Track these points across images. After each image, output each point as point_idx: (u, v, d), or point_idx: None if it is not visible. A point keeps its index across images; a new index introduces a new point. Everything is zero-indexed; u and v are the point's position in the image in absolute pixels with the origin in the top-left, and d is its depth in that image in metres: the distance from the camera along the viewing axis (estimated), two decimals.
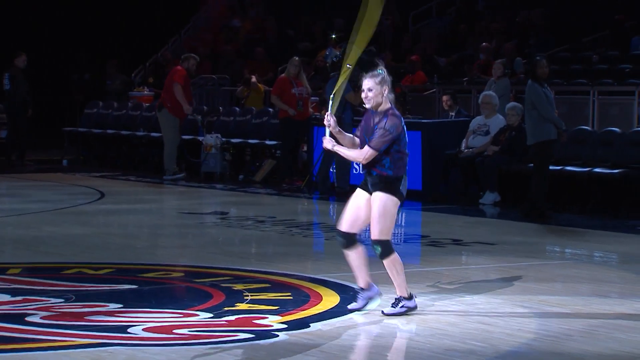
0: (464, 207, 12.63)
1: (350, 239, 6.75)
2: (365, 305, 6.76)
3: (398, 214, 6.82)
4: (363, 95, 6.76)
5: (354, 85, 13.69)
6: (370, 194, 6.71)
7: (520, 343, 6.08)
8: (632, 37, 16.99)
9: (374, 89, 6.72)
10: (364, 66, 13.34)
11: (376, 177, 6.68)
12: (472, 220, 11.77)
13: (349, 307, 6.79)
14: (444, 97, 14.47)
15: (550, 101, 11.46)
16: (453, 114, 14.31)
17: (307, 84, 15.20)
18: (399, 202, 6.69)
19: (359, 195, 6.77)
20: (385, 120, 6.64)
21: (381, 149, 6.62)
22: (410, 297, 6.70)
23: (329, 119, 6.77)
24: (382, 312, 6.70)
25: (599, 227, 11.18)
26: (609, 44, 17.21)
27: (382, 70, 6.80)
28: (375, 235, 6.65)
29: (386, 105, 6.72)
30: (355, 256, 6.77)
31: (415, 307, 6.71)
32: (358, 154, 6.70)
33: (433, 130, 13.66)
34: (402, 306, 6.67)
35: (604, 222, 11.47)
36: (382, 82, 6.73)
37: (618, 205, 12.16)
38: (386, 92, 6.73)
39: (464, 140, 13.50)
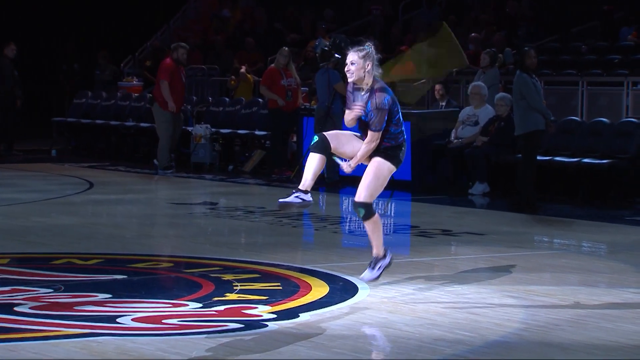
0: (453, 198, 12.65)
1: (325, 144, 6.70)
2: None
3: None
4: (346, 69, 6.79)
5: (343, 75, 13.68)
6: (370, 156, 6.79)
7: (508, 333, 6.10)
8: (621, 27, 17.03)
9: (356, 63, 6.75)
10: None
11: (380, 149, 6.75)
12: (461, 210, 11.79)
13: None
14: (437, 87, 14.48)
15: (538, 91, 11.49)
16: (443, 104, 14.32)
17: (296, 74, 15.19)
18: (394, 169, 6.78)
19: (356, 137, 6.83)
20: (374, 98, 6.68)
21: (382, 126, 6.68)
22: (384, 255, 6.86)
23: (348, 169, 6.78)
24: (362, 278, 6.83)
25: (587, 217, 11.21)
26: (597, 35, 17.24)
27: (368, 46, 6.80)
28: (361, 197, 6.71)
29: (369, 80, 6.74)
30: (318, 162, 6.71)
31: (390, 263, 6.91)
32: (370, 146, 6.72)
33: (422, 120, 13.68)
34: (379, 267, 6.87)
35: (593, 212, 11.51)
36: (365, 57, 6.75)
37: (606, 196, 12.21)
38: (369, 67, 6.75)
39: (453, 130, 13.52)
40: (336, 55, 13.35)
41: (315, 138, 6.76)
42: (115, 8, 24.28)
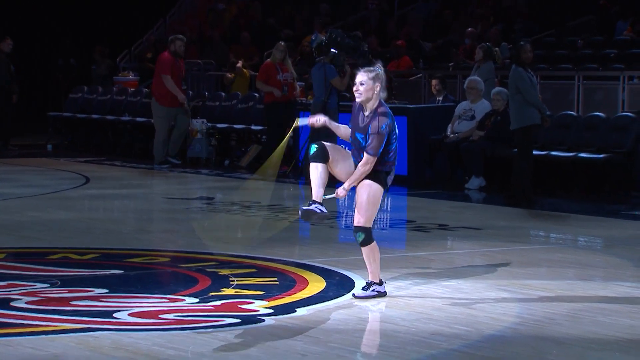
0: (450, 192, 12.65)
1: (325, 153, 6.67)
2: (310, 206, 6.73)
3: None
4: (354, 88, 6.74)
5: (340, 70, 13.69)
6: None
7: (505, 327, 6.11)
8: (616, 22, 17.04)
9: (365, 84, 6.71)
10: (349, 51, 13.39)
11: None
12: (457, 205, 11.80)
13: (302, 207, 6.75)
14: (433, 81, 14.48)
15: (534, 86, 11.50)
16: (440, 98, 14.32)
17: (292, 69, 15.18)
18: (383, 191, 6.75)
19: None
20: (376, 121, 6.64)
21: (379, 152, 6.65)
22: (381, 283, 6.79)
23: (342, 193, 6.76)
24: (353, 295, 6.76)
25: (583, 211, 11.23)
26: (593, 29, 17.25)
27: (378, 68, 6.78)
28: (360, 222, 6.68)
29: (375, 103, 6.71)
30: (322, 171, 6.69)
31: (385, 293, 6.77)
32: (365, 168, 6.68)
33: (418, 115, 13.68)
34: (373, 290, 6.75)
35: (589, 207, 11.52)
36: (375, 79, 6.70)
37: (602, 190, 12.22)
38: (378, 89, 6.71)
39: (450, 125, 13.52)
40: (332, 50, 13.35)
41: (314, 147, 6.73)
42: (111, 3, 24.26)
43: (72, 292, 6.73)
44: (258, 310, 6.33)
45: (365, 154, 6.66)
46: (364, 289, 6.78)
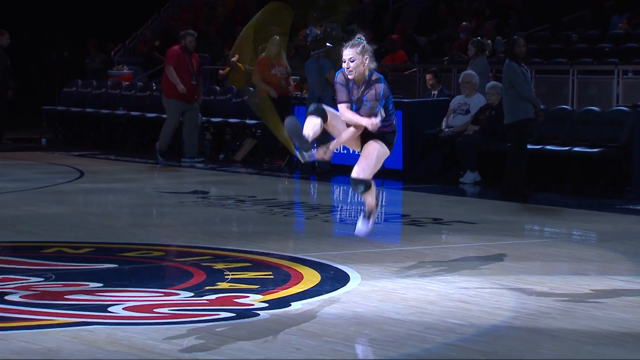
0: (444, 187, 12.66)
1: (324, 111, 6.67)
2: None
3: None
4: (345, 65, 6.68)
5: (335, 64, 13.68)
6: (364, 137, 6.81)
7: (499, 321, 6.12)
8: (611, 16, 17.04)
9: (355, 59, 6.66)
10: (340, 44, 13.37)
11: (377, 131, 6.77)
12: (452, 199, 11.81)
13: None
14: (427, 76, 14.48)
15: (527, 80, 11.50)
16: (436, 92, 14.32)
17: (286, 63, 15.17)
18: (388, 154, 6.82)
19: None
20: (373, 90, 6.65)
21: (377, 110, 6.69)
22: (377, 205, 7.04)
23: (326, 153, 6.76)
24: (359, 232, 6.95)
25: (577, 205, 11.24)
26: (588, 24, 17.25)
27: (361, 39, 6.74)
28: (361, 174, 6.73)
29: (367, 73, 6.71)
30: (319, 123, 6.65)
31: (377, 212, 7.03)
32: (367, 121, 6.68)
33: (413, 109, 13.68)
34: (372, 221, 7.02)
35: (583, 201, 11.53)
36: (363, 51, 6.67)
37: (597, 184, 12.24)
38: (367, 61, 6.69)
39: (444, 119, 13.53)
40: (327, 44, 13.34)
41: (313, 105, 6.69)
42: None
43: (67, 286, 6.72)
44: (253, 305, 6.33)
45: (372, 118, 6.68)
46: (365, 219, 6.97)
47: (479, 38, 14.68)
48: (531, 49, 15.27)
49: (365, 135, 6.82)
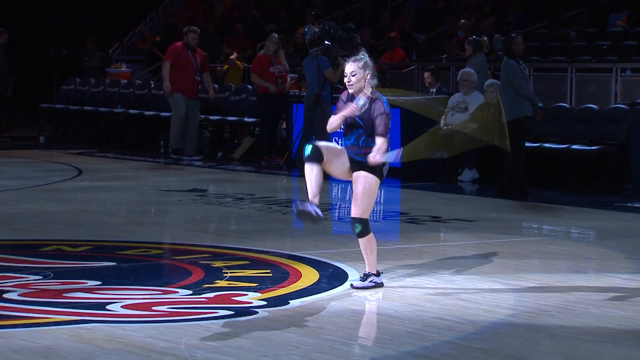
0: (443, 184, 12.66)
1: (320, 153, 6.67)
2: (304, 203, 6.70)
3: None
4: (346, 79, 6.75)
5: (333, 62, 13.67)
6: (352, 169, 6.75)
7: (498, 319, 6.12)
8: (609, 14, 17.04)
9: (357, 74, 6.71)
10: (342, 43, 13.37)
11: (364, 162, 6.70)
12: (450, 197, 11.81)
13: (297, 207, 6.71)
14: (425, 74, 14.48)
15: (525, 78, 11.51)
16: (434, 90, 14.32)
17: (284, 61, 15.17)
18: (380, 181, 6.76)
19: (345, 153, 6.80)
20: (377, 105, 6.66)
21: (388, 131, 6.68)
22: (378, 274, 6.82)
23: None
24: (351, 285, 6.78)
25: (576, 203, 11.24)
26: (586, 21, 17.25)
27: (364, 55, 6.79)
28: (357, 213, 6.69)
29: (368, 90, 6.72)
30: (317, 172, 6.68)
31: (382, 284, 6.80)
32: (383, 148, 6.64)
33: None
34: (370, 280, 6.79)
35: (582, 199, 11.54)
36: (364, 67, 6.73)
37: (595, 182, 12.24)
38: (369, 76, 6.73)
39: (443, 117, 13.51)
40: (326, 42, 13.33)
41: (308, 148, 6.72)
42: None
43: (65, 284, 6.72)
44: (251, 302, 6.33)
45: (377, 138, 6.66)
46: (361, 279, 6.80)
47: (474, 37, 14.66)
48: (529, 47, 15.28)
49: (354, 166, 6.77)
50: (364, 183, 6.68)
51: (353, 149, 6.75)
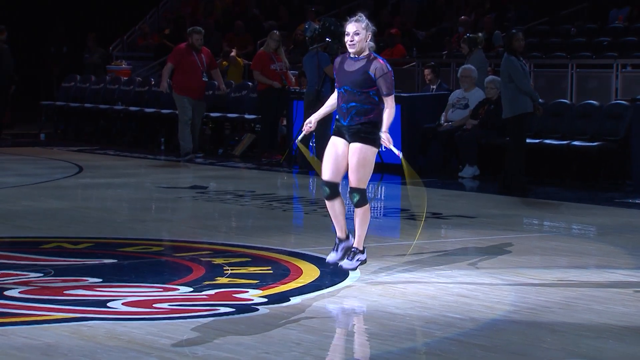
0: (443, 181, 12.66)
1: (334, 188, 6.79)
2: (343, 256, 6.84)
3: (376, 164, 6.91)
4: (349, 39, 6.75)
5: (333, 58, 13.65)
6: (348, 142, 6.75)
7: (499, 315, 6.12)
8: (610, 10, 17.03)
9: (360, 33, 6.75)
10: (342, 39, 13.35)
11: (359, 125, 6.68)
12: (451, 193, 11.81)
13: (328, 259, 6.87)
14: (426, 71, 14.46)
15: (526, 74, 11.50)
16: (434, 87, 14.31)
17: (285, 58, 15.16)
18: (377, 150, 6.78)
19: (337, 144, 6.81)
20: (377, 63, 6.69)
21: (393, 89, 6.71)
22: (363, 251, 6.89)
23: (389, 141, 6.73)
24: (341, 265, 6.86)
25: (577, 199, 11.24)
26: (587, 17, 17.24)
27: (364, 17, 6.83)
28: (354, 183, 6.74)
29: (367, 50, 6.77)
30: (338, 205, 6.82)
31: (365, 260, 6.91)
32: (392, 111, 6.70)
33: (412, 103, 13.67)
34: (357, 259, 6.86)
35: (582, 195, 11.53)
36: (367, 28, 6.79)
37: (596, 178, 12.24)
38: (369, 38, 6.78)
39: (443, 113, 13.52)
40: (326, 38, 13.32)
41: (325, 189, 6.77)
42: None
43: (66, 282, 6.72)
44: (252, 299, 6.33)
45: (384, 98, 6.68)
46: (348, 258, 6.85)
47: (468, 35, 14.63)
48: (530, 43, 15.26)
49: (345, 134, 6.78)
50: (358, 155, 6.71)
51: (347, 113, 6.73)
